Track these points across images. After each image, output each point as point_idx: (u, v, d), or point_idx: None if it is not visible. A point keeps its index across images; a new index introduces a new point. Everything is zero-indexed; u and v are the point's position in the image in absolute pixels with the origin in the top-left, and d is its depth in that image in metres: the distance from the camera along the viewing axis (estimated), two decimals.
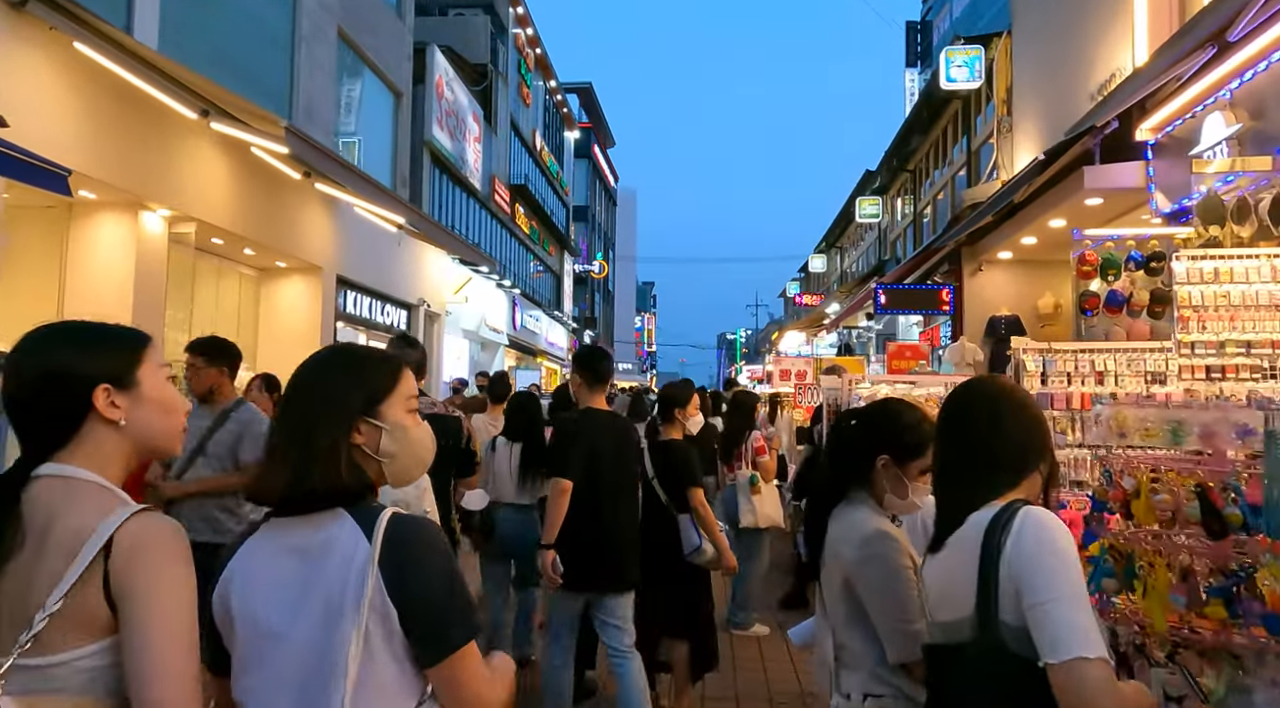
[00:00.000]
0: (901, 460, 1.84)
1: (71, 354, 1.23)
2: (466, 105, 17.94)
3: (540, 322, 25.18)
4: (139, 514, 1.14)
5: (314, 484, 1.26)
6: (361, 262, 11.42)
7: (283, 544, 1.28)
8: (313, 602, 1.23)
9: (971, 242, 10.76)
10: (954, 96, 12.49)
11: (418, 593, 1.23)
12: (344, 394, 1.35)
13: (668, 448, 3.86)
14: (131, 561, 1.10)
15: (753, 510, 4.87)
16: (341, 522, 1.27)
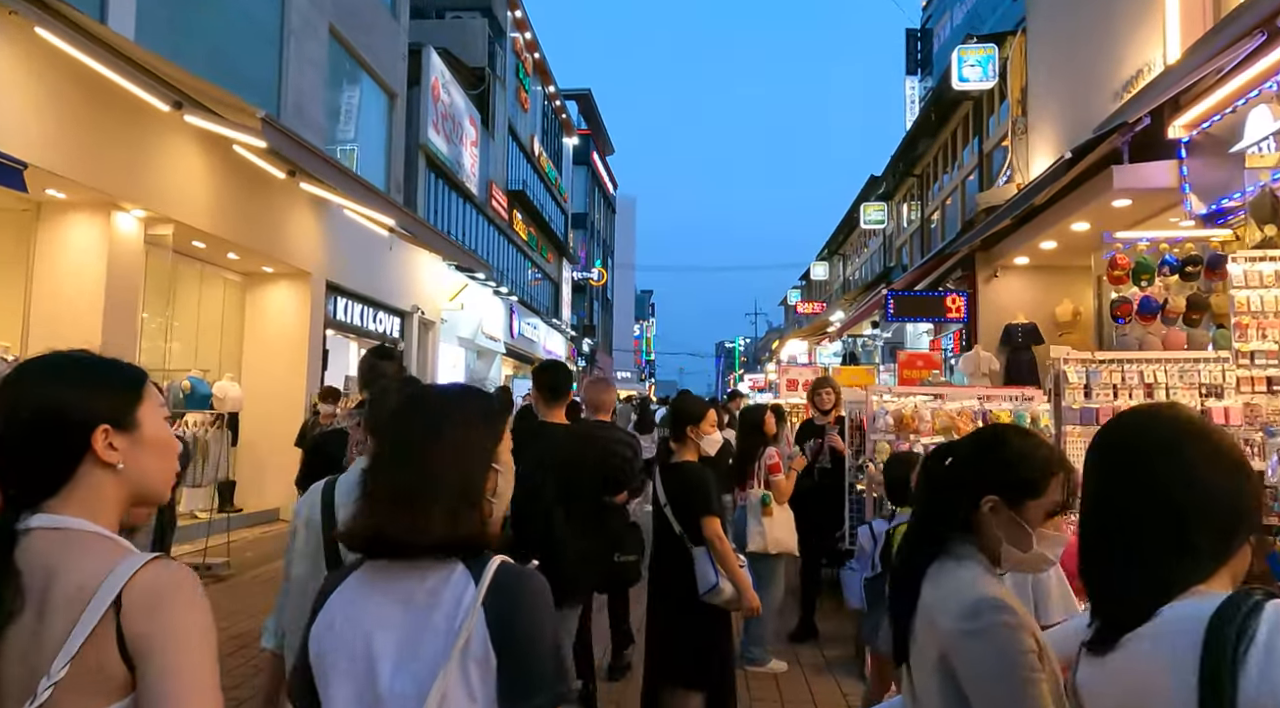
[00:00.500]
0: (1015, 501, 1.40)
1: (70, 391, 1.13)
2: (463, 109, 17.58)
3: (538, 330, 24.77)
4: (151, 563, 1.05)
5: (465, 532, 1.23)
6: (352, 267, 11.00)
7: (388, 589, 1.24)
8: (416, 650, 1.20)
9: (986, 247, 10.37)
10: (965, 97, 12.12)
11: (520, 644, 1.21)
12: (485, 439, 1.33)
13: (680, 472, 3.43)
14: (149, 614, 1.03)
15: (762, 534, 4.42)
16: (451, 568, 1.23)
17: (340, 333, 11.30)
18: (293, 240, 9.50)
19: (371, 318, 12.03)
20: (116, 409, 1.14)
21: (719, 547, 3.24)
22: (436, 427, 1.30)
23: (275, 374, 9.75)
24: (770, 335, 65.37)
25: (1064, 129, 9.65)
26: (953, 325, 11.61)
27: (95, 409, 1.12)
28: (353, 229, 10.66)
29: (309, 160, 6.43)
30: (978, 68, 10.67)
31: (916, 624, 1.43)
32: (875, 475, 4.61)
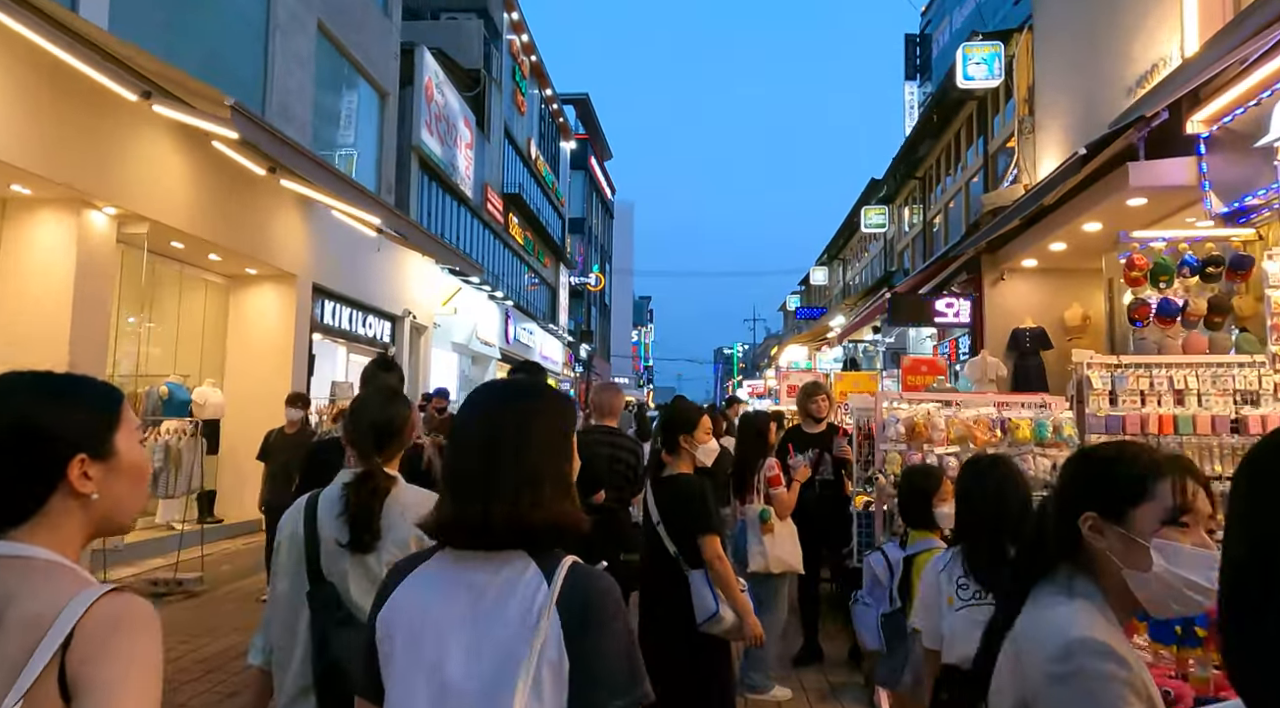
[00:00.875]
0: (1115, 511, 1.13)
1: (45, 415, 1.08)
2: (458, 110, 17.30)
3: (534, 335, 24.46)
4: (106, 597, 1.00)
5: (541, 520, 1.22)
6: (340, 269, 10.69)
7: (460, 580, 1.23)
8: (485, 643, 1.19)
9: (992, 249, 10.08)
10: (970, 97, 11.86)
11: (594, 647, 1.18)
12: (566, 429, 1.34)
13: (675, 485, 3.12)
14: (94, 650, 0.97)
15: (764, 553, 4.09)
16: (524, 564, 1.22)
17: (328, 337, 10.99)
18: (277, 242, 9.19)
19: (361, 322, 11.72)
20: (93, 436, 1.09)
21: (719, 569, 2.93)
22: (524, 414, 1.29)
23: (259, 380, 9.43)
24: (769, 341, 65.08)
25: (1073, 128, 9.38)
26: (957, 330, 11.32)
27: (71, 437, 1.07)
28: (341, 231, 10.36)
29: (287, 154, 6.12)
30: (983, 65, 10.40)
31: (1000, 663, 1.17)
32: (886, 488, 4.29)
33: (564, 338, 30.08)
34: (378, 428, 2.12)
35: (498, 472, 1.23)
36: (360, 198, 7.62)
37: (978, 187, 12.42)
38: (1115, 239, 8.44)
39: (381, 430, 2.12)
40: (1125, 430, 4.19)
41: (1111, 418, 4.19)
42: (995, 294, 10.19)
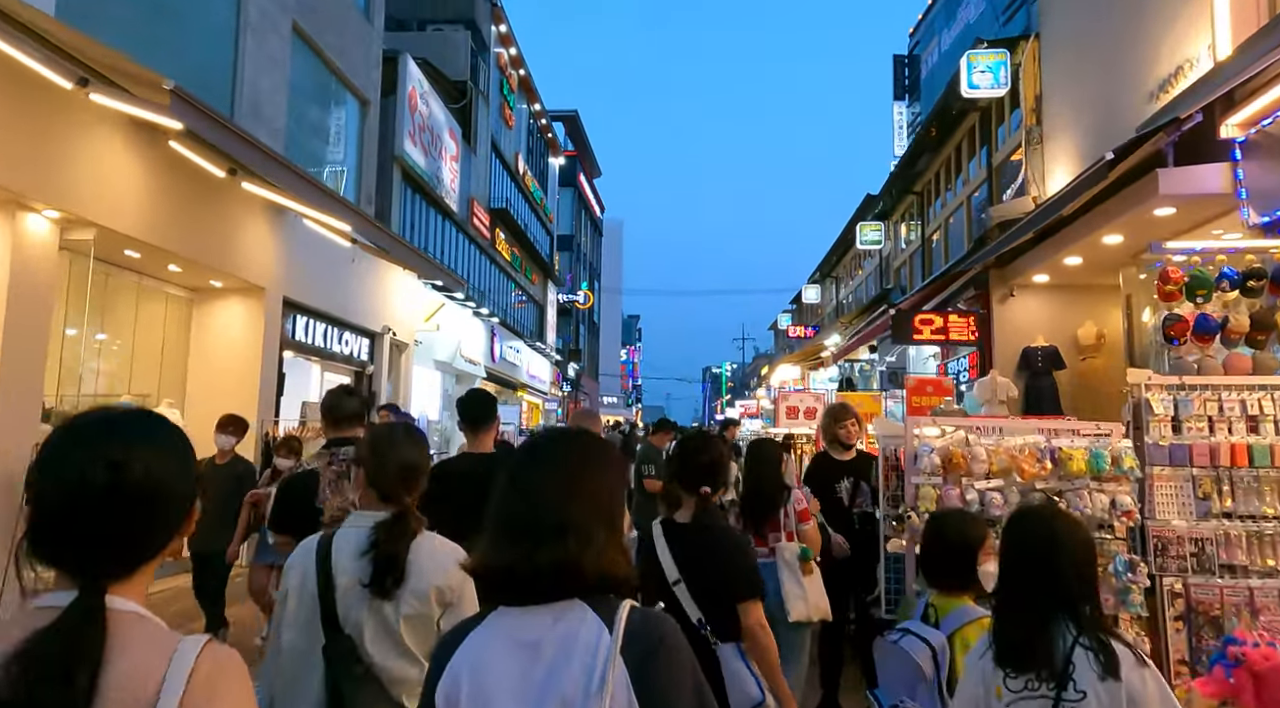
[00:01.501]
0: None
1: (171, 461, 1.06)
2: (443, 121, 16.82)
3: (521, 353, 23.86)
4: (206, 649, 1.00)
5: (593, 567, 1.19)
6: (314, 282, 10.09)
7: (517, 639, 1.19)
8: (551, 699, 1.15)
9: (1000, 264, 9.62)
10: (972, 107, 11.47)
11: (664, 692, 1.16)
12: (618, 477, 1.35)
13: (706, 537, 2.53)
14: (205, 701, 0.97)
15: (804, 598, 3.47)
16: (581, 613, 1.19)
17: (300, 355, 10.36)
18: (245, 252, 8.60)
19: (336, 339, 11.10)
20: (194, 481, 1.10)
21: (763, 642, 2.36)
22: (581, 461, 1.29)
23: (223, 400, 8.76)
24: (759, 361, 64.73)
25: (1085, 137, 8.97)
26: (963, 349, 10.83)
27: (190, 482, 1.08)
28: (315, 241, 9.78)
29: (243, 151, 5.56)
30: (988, 74, 10.01)
31: None
32: (919, 528, 3.72)
33: (551, 356, 29.48)
34: (407, 469, 2.06)
35: (548, 517, 1.21)
36: (330, 203, 7.05)
37: (980, 200, 12.01)
38: (1134, 253, 8.00)
39: (410, 471, 2.06)
40: (1192, 462, 3.66)
41: (1176, 447, 3.67)
42: (1004, 311, 9.72)
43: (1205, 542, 3.56)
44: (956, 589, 2.24)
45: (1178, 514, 3.64)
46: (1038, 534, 1.86)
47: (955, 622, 2.16)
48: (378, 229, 8.21)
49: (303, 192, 6.43)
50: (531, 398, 26.77)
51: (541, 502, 1.22)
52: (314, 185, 6.57)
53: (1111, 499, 3.60)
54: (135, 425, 1.06)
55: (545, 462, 1.29)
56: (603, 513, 1.24)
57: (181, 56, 8.17)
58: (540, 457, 1.31)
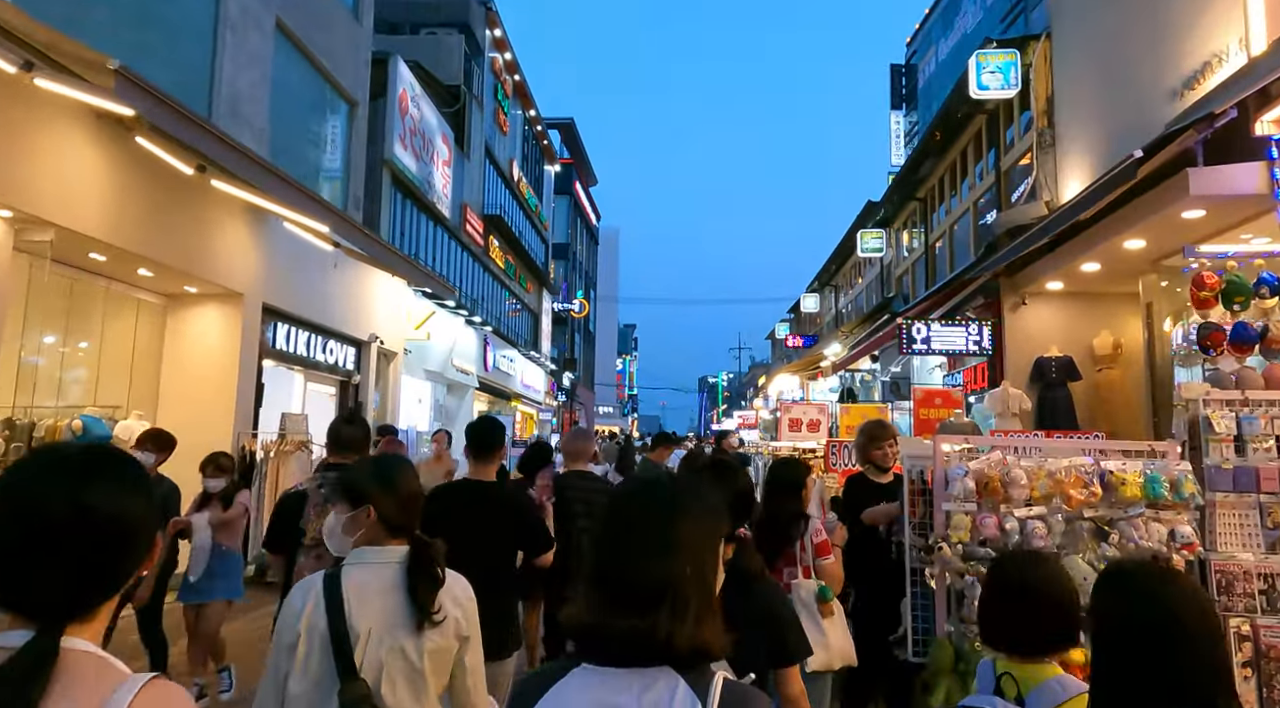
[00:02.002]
0: None
1: (135, 498, 1.04)
2: (435, 126, 16.45)
3: (515, 363, 23.42)
4: (151, 684, 0.98)
5: (688, 640, 1.12)
6: (296, 288, 9.67)
7: (601, 700, 1.12)
8: None
9: (1011, 271, 9.25)
10: (979, 109, 11.13)
11: None
12: (719, 539, 1.28)
13: (754, 600, 2.10)
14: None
15: (825, 644, 3.04)
16: (672, 682, 1.12)
17: (282, 364, 9.92)
18: (221, 257, 8.17)
19: (321, 347, 10.66)
20: (155, 516, 1.08)
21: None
22: (680, 515, 1.21)
23: (198, 411, 8.35)
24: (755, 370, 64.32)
25: (1100, 138, 8.61)
26: (972, 359, 10.45)
27: (151, 517, 1.06)
28: (297, 246, 9.36)
29: (207, 142, 5.15)
30: (998, 74, 9.67)
31: None
32: (952, 561, 3.31)
33: (546, 366, 29.04)
34: (415, 499, 2.04)
35: (642, 579, 1.15)
36: (305, 202, 6.62)
37: (987, 206, 11.66)
38: (1155, 258, 7.63)
39: (418, 501, 2.05)
40: (1259, 487, 3.26)
41: (1242, 470, 3.27)
42: (1016, 320, 9.35)
43: (1276, 578, 3.15)
44: (1039, 654, 1.78)
45: (1243, 547, 3.24)
46: (1148, 618, 1.37)
47: (1047, 703, 1.69)
48: (359, 231, 7.78)
49: (276, 190, 6.02)
50: (525, 408, 26.31)
51: (635, 561, 1.16)
52: (288, 183, 6.15)
53: (1170, 530, 3.19)
54: (94, 461, 1.03)
55: (640, 515, 1.22)
56: (700, 576, 1.17)
57: (155, 51, 7.77)
58: (635, 508, 1.23)
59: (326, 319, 10.61)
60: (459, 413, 18.43)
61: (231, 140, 5.53)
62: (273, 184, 5.96)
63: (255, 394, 8.97)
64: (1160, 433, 7.46)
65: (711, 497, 1.27)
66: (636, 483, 1.30)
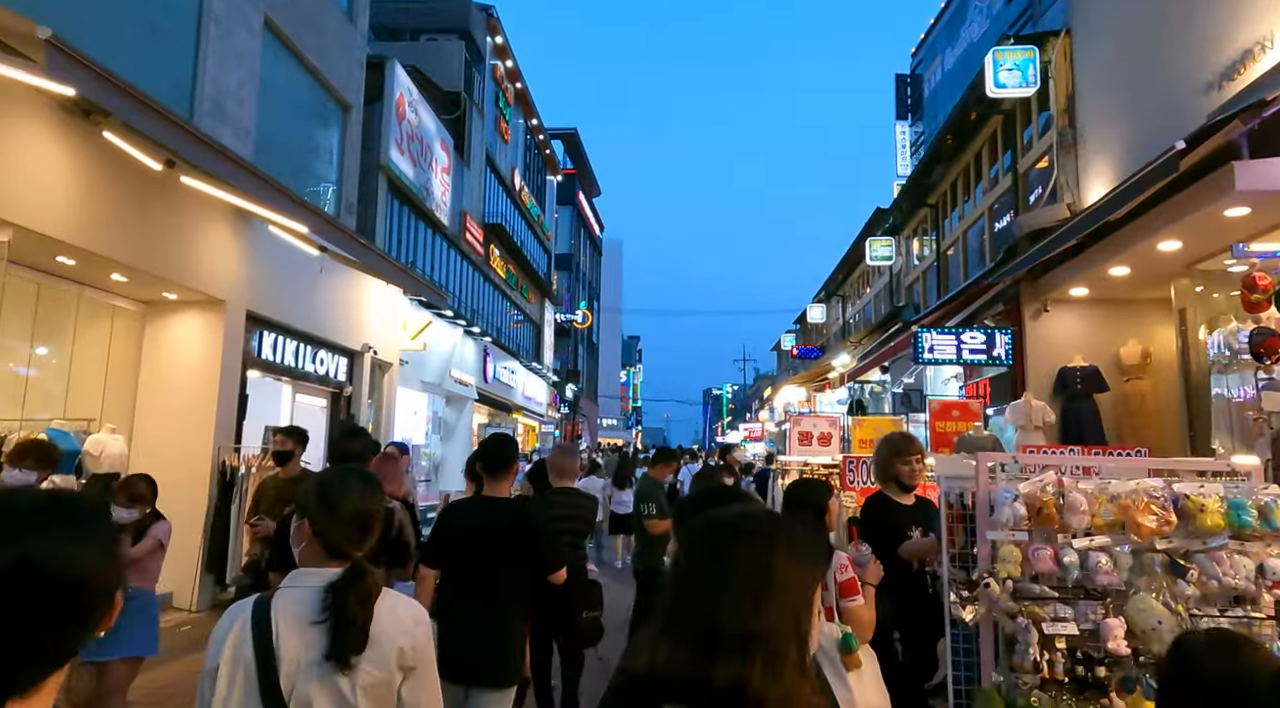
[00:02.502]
0: None
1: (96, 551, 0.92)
2: (434, 132, 16.10)
3: (517, 374, 23.00)
4: None
5: (784, 698, 1.01)
6: (283, 296, 9.26)
7: None
8: None
9: (1032, 277, 8.81)
10: (995, 110, 10.72)
11: None
12: (816, 582, 1.15)
13: None
14: None
15: (851, 701, 2.59)
16: None
17: (268, 374, 9.50)
18: (202, 262, 7.77)
19: (310, 358, 10.24)
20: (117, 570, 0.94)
21: None
22: (778, 551, 1.10)
23: (177, 423, 7.94)
24: (760, 382, 63.76)
25: (1126, 137, 8.18)
26: (989, 369, 9.98)
27: (113, 574, 0.93)
28: (283, 252, 8.96)
29: (172, 134, 4.75)
30: (1016, 72, 9.25)
31: None
32: (1000, 599, 2.85)
33: (549, 377, 28.61)
34: (360, 518, 1.85)
35: (732, 624, 1.03)
36: (282, 201, 6.20)
37: (1002, 211, 11.23)
38: (1189, 262, 7.17)
39: (364, 521, 1.87)
40: None
41: None
42: (1038, 328, 8.89)
43: None
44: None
45: None
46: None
47: None
48: (343, 234, 7.36)
49: (251, 188, 5.61)
50: (527, 420, 25.87)
51: (724, 603, 1.04)
52: (264, 181, 5.74)
53: (1259, 565, 2.72)
54: (44, 511, 0.90)
55: (732, 550, 1.10)
56: (796, 624, 1.06)
57: (133, 46, 7.40)
58: (727, 542, 1.11)
59: (316, 328, 10.20)
60: (458, 425, 17.99)
61: (199, 132, 5.13)
62: (248, 182, 5.55)
63: (238, 406, 8.55)
64: (1197, 448, 6.98)
65: (811, 534, 1.14)
66: (728, 515, 1.13)
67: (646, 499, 6.10)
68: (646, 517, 6.00)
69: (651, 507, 6.00)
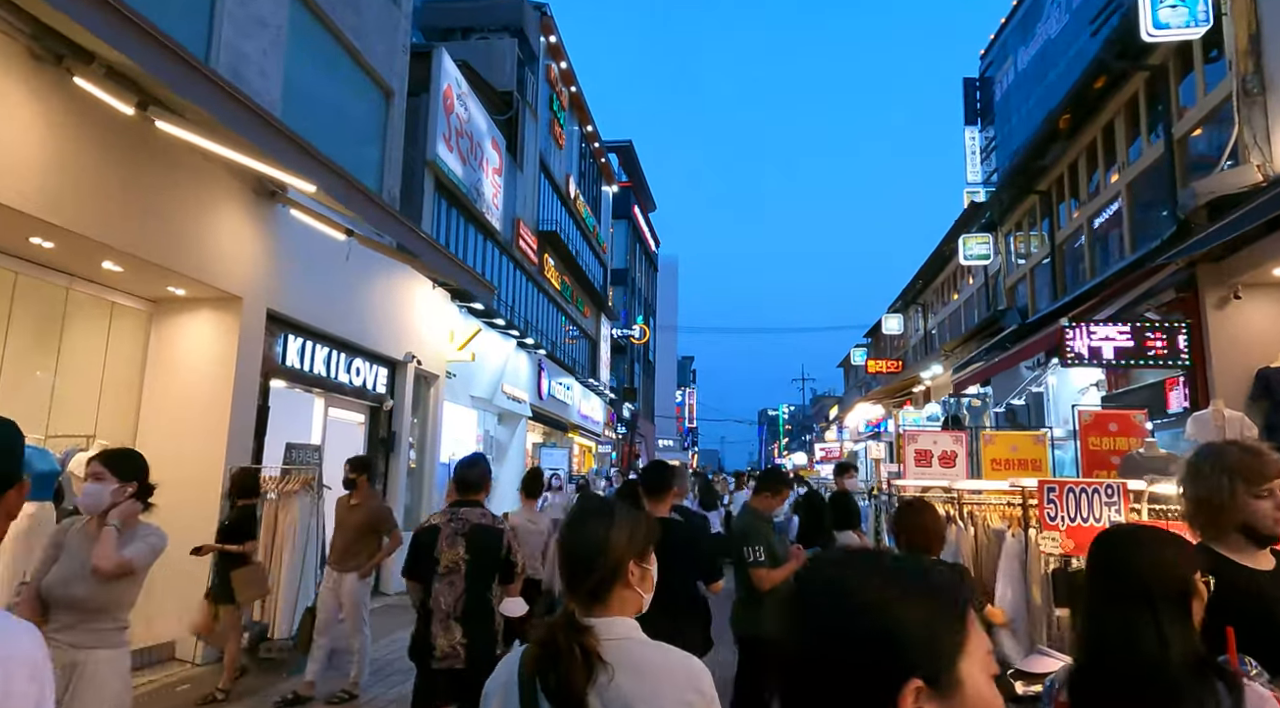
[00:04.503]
0: None
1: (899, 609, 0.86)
2: (485, 130, 15.03)
3: (572, 391, 21.72)
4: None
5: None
6: (312, 294, 8.10)
7: None
8: None
9: (1215, 257, 7.08)
10: (1138, 66, 9.02)
11: None
12: None
13: None
14: None
15: None
16: None
17: (296, 384, 8.33)
18: (214, 250, 6.64)
19: (344, 366, 9.07)
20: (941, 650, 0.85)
21: None
22: None
23: (184, 441, 6.77)
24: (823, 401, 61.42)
25: None
26: (1150, 373, 8.20)
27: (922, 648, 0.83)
28: (312, 242, 7.81)
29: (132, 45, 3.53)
30: (1181, 9, 7.58)
31: None
32: None
33: (606, 395, 27.29)
34: None
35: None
36: (280, 146, 4.91)
37: (1148, 187, 9.46)
38: None
39: None
40: None
41: None
42: (1223, 320, 7.12)
43: None
44: None
45: None
46: None
47: None
48: (369, 201, 6.07)
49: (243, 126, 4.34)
50: (583, 440, 24.55)
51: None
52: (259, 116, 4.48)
53: None
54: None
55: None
56: None
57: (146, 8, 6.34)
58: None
59: (352, 334, 9.02)
60: (510, 444, 16.74)
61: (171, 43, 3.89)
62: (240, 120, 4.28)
63: (257, 419, 7.36)
64: None
65: None
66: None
67: (751, 539, 4.60)
68: (753, 564, 4.50)
69: (759, 550, 4.51)
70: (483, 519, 3.83)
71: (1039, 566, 3.97)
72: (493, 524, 3.86)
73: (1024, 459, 7.77)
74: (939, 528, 3.60)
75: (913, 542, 3.46)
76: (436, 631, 3.61)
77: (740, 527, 4.85)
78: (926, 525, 3.54)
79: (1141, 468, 6.80)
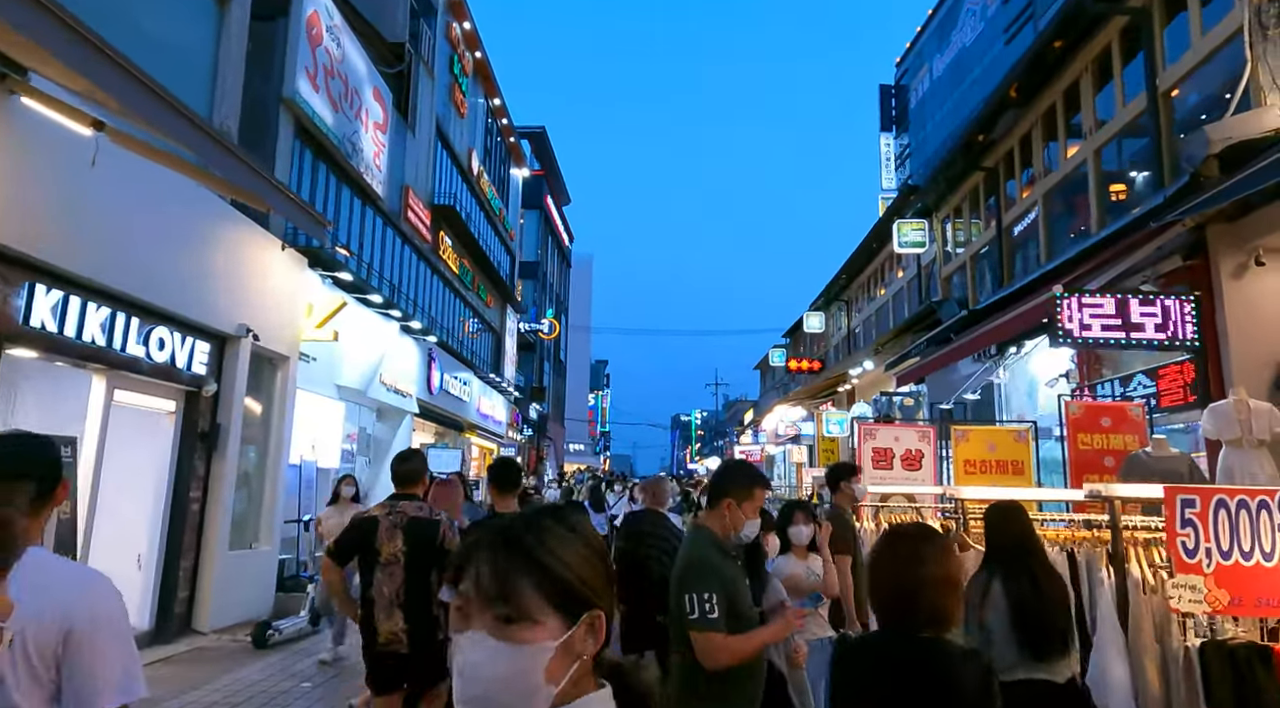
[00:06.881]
0: None
1: None
2: (365, 75, 12.87)
3: (470, 386, 19.59)
4: None
5: None
6: (78, 230, 5.90)
7: None
8: None
9: (1230, 217, 5.86)
10: (1118, 9, 7.87)
11: None
12: None
13: None
14: None
15: None
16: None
17: (51, 355, 6.09)
18: None
19: (139, 335, 6.85)
20: None
21: None
22: None
23: None
24: (737, 406, 60.78)
25: None
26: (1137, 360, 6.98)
27: None
28: (74, 151, 5.63)
29: None
30: None
31: None
32: None
33: (510, 393, 25.18)
34: None
35: None
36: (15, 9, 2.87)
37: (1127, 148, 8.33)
38: None
39: None
40: None
41: None
42: (1239, 292, 5.89)
43: None
44: None
45: None
46: None
47: None
48: (138, 82, 4.01)
49: None
50: (483, 441, 22.39)
51: None
52: None
53: None
54: None
55: None
56: None
57: None
58: None
59: (149, 293, 6.83)
60: (391, 445, 14.52)
61: None
62: None
63: None
64: None
65: None
66: None
67: (695, 582, 2.72)
68: (696, 622, 2.66)
69: (709, 600, 2.68)
70: (419, 512, 3.93)
71: (1150, 628, 2.38)
72: (430, 516, 3.94)
73: (1004, 460, 6.40)
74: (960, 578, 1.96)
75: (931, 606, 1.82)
76: (380, 617, 3.72)
77: (684, 562, 2.96)
78: (951, 576, 1.90)
79: (1150, 470, 5.48)
